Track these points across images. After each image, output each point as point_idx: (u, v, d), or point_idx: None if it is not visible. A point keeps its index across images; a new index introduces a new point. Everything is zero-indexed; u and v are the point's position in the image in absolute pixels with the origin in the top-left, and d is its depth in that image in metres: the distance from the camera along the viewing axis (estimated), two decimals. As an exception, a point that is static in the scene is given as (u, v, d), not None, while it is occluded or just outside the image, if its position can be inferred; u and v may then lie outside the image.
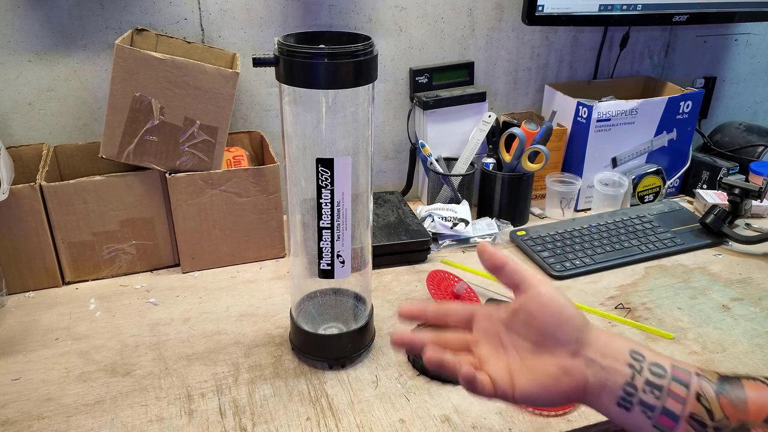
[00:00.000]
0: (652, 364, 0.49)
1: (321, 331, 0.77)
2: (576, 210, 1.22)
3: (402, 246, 0.99)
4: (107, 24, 0.97)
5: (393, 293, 0.92)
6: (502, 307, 0.54)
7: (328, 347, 0.76)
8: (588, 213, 1.20)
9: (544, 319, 0.50)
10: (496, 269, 0.53)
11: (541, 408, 0.69)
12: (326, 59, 0.61)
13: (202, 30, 1.02)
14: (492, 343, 0.53)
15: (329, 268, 0.71)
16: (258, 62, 0.64)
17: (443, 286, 0.88)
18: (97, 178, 0.89)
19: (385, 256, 0.98)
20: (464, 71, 1.19)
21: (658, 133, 1.21)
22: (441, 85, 1.17)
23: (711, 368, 0.50)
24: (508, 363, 0.52)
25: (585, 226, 1.09)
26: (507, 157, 1.10)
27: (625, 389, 0.48)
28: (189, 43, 1.00)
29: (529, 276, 0.52)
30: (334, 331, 0.77)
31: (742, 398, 0.47)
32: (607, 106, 1.14)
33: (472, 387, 0.51)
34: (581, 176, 1.17)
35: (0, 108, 0.97)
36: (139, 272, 0.97)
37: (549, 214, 1.18)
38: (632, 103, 1.15)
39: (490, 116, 1.13)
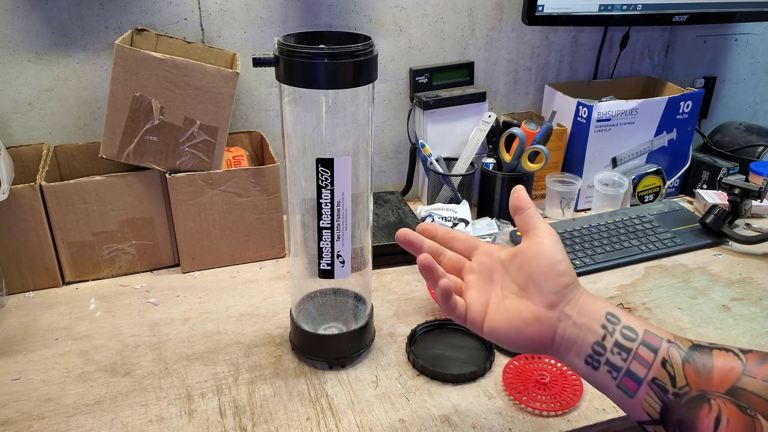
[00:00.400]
0: (625, 327, 0.50)
1: (321, 331, 0.77)
2: (576, 210, 1.22)
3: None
4: (107, 24, 0.97)
5: (393, 293, 0.92)
6: (505, 249, 0.56)
7: (328, 347, 0.76)
8: (588, 213, 1.20)
9: (536, 265, 0.52)
10: (517, 210, 0.56)
11: (540, 408, 0.69)
12: (326, 59, 0.61)
13: (202, 30, 1.02)
14: (482, 276, 0.56)
15: (329, 268, 0.71)
16: (258, 62, 0.64)
17: (443, 286, 0.88)
18: (97, 178, 0.89)
19: (385, 256, 0.98)
20: (464, 71, 1.19)
21: (658, 133, 1.21)
22: (441, 85, 1.17)
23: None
24: (489, 297, 0.54)
25: (585, 226, 1.09)
26: (507, 157, 1.10)
27: (594, 348, 0.50)
28: (189, 43, 1.00)
29: (540, 226, 0.54)
30: (334, 331, 0.77)
31: (708, 367, 0.48)
32: (607, 106, 1.14)
33: (446, 301, 0.53)
34: (581, 176, 1.17)
35: (0, 108, 0.97)
36: (139, 272, 0.97)
37: (549, 214, 1.18)
38: (632, 103, 1.15)
39: (490, 116, 1.13)
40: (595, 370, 0.50)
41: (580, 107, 1.15)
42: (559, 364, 0.75)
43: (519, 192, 0.57)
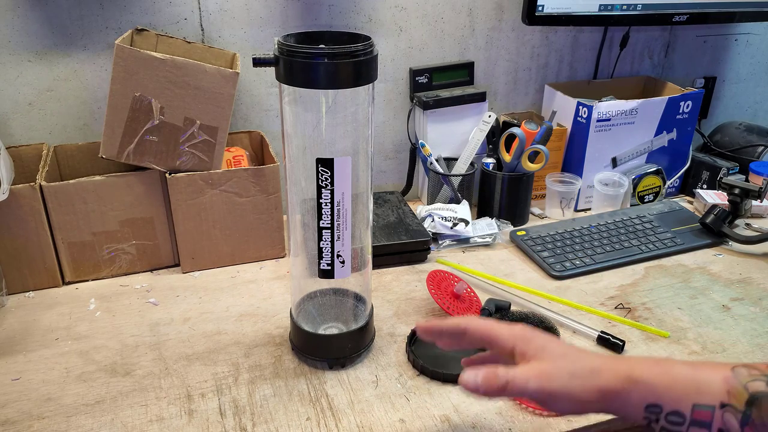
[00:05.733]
0: (670, 413, 0.48)
1: (321, 331, 0.77)
2: (576, 210, 1.22)
3: (402, 246, 0.99)
4: (107, 24, 0.97)
5: (393, 293, 0.92)
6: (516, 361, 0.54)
7: (328, 347, 0.76)
8: (588, 213, 1.20)
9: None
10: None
11: (541, 408, 0.69)
12: (326, 59, 0.61)
13: (202, 30, 1.02)
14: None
15: (329, 268, 0.71)
16: (258, 62, 0.64)
17: (443, 286, 0.88)
18: (97, 178, 0.89)
19: (385, 256, 0.98)
20: (464, 71, 1.19)
21: (658, 133, 1.21)
22: (441, 85, 1.17)
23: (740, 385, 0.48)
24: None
25: (585, 226, 1.09)
26: (507, 157, 1.10)
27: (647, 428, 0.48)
28: (189, 43, 1.00)
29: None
30: (334, 331, 0.77)
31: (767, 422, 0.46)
32: (607, 106, 1.14)
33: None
34: (581, 176, 1.17)
35: (0, 108, 0.97)
36: (139, 272, 0.97)
37: (549, 214, 1.18)
38: (632, 103, 1.15)
39: (490, 116, 1.13)
40: None
41: (580, 107, 1.15)
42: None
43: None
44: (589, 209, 1.22)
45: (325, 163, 0.66)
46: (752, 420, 0.45)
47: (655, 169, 1.20)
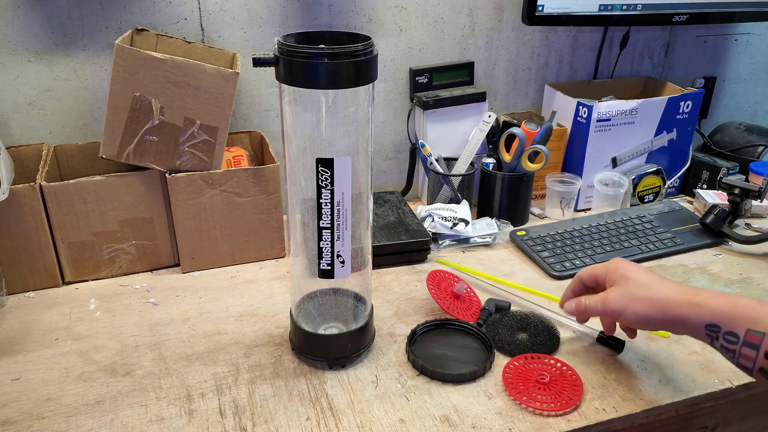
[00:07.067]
0: (726, 333, 0.61)
1: (321, 331, 0.77)
2: (576, 210, 1.22)
3: (402, 246, 0.99)
4: (107, 24, 0.97)
5: (393, 293, 0.92)
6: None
7: (328, 347, 0.76)
8: (588, 213, 1.20)
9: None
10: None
11: (541, 408, 0.69)
12: (326, 59, 0.61)
13: (202, 30, 1.02)
14: None
15: (329, 268, 0.71)
16: (258, 62, 0.64)
17: (443, 286, 0.88)
18: (97, 178, 0.89)
19: (385, 256, 0.98)
20: (464, 71, 1.19)
21: (658, 133, 1.21)
22: (441, 85, 1.17)
23: None
24: None
25: (585, 226, 1.09)
26: (507, 157, 1.10)
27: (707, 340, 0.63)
28: (189, 43, 1.00)
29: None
30: (334, 331, 0.77)
31: None
32: (607, 106, 1.14)
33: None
34: (581, 176, 1.17)
35: (0, 108, 0.97)
36: (139, 272, 0.97)
37: (549, 214, 1.18)
38: (632, 103, 1.15)
39: (490, 116, 1.13)
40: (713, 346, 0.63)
41: (580, 107, 1.15)
42: (558, 364, 0.75)
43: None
44: (589, 209, 1.22)
45: (325, 163, 0.66)
46: None
47: (655, 169, 1.20)
